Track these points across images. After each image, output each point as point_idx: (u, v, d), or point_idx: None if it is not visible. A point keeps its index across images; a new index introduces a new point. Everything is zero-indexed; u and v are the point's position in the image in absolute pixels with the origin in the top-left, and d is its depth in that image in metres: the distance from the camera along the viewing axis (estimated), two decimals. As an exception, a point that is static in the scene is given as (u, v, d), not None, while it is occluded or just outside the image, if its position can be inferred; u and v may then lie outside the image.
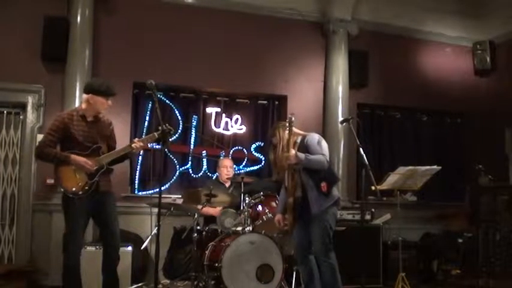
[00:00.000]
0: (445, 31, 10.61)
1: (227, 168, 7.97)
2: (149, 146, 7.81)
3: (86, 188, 5.49)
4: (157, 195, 5.54)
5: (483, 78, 10.65)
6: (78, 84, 7.99)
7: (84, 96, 5.68)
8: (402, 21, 10.19)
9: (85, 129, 5.61)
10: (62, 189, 5.50)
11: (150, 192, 8.55)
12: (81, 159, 5.47)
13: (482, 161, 8.44)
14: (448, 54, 10.71)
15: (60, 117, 5.66)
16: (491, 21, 10.37)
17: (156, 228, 5.47)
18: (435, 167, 6.88)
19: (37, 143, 6.04)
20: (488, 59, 10.45)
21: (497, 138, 10.02)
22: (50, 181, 7.86)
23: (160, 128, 5.54)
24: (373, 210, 8.63)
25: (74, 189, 5.45)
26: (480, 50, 10.55)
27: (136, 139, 5.83)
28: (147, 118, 8.76)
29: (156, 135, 5.67)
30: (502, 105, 9.99)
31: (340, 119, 5.75)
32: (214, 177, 8.66)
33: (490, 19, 10.38)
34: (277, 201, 7.17)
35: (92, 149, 5.57)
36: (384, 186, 6.87)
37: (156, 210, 5.76)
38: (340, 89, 9.48)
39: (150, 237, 7.07)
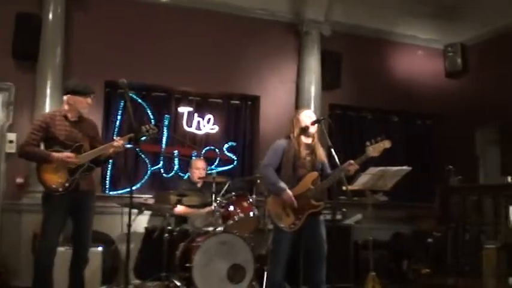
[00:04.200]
0: (417, 33, 10.71)
1: (200, 170, 7.96)
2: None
3: (67, 185, 5.49)
4: (129, 195, 5.54)
5: (454, 80, 10.74)
6: (49, 82, 7.95)
7: (64, 98, 5.74)
8: (375, 23, 10.26)
9: (67, 129, 5.63)
10: (43, 187, 5.51)
11: (121, 191, 8.51)
12: (61, 155, 5.48)
13: (453, 162, 8.54)
14: (419, 56, 10.81)
15: (42, 117, 5.76)
16: (463, 24, 10.46)
17: (128, 228, 5.46)
18: (405, 167, 6.92)
19: (16, 143, 6.02)
20: (459, 61, 10.54)
21: (468, 140, 10.15)
22: (20, 180, 7.81)
23: (144, 127, 5.70)
24: (344, 210, 8.70)
25: (54, 186, 5.46)
26: (451, 53, 10.64)
27: (117, 138, 5.86)
28: (119, 117, 8.73)
29: (140, 134, 5.70)
30: (473, 107, 10.09)
31: (313, 119, 5.74)
32: (186, 177, 8.63)
33: (461, 22, 10.47)
34: (248, 201, 7.19)
35: (73, 148, 5.58)
36: (355, 186, 6.90)
37: (127, 210, 5.71)
38: (313, 89, 9.51)
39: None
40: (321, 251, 5.64)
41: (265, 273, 6.66)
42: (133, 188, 5.90)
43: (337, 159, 5.48)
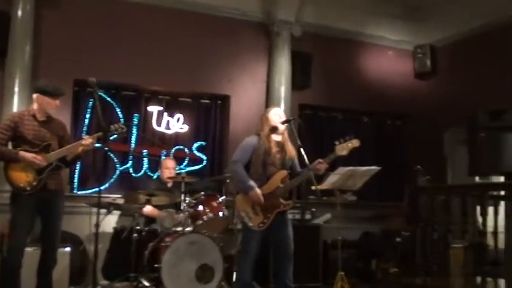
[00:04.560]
0: (387, 34, 10.78)
1: (170, 169, 7.92)
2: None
3: (34, 183, 5.48)
4: (97, 195, 5.54)
5: (423, 81, 10.84)
6: (17, 80, 7.86)
7: (33, 96, 5.76)
8: (345, 24, 10.30)
9: (36, 128, 5.64)
10: (10, 186, 5.51)
11: (89, 191, 8.43)
12: (29, 155, 5.46)
13: (422, 162, 8.60)
14: (389, 57, 10.88)
15: (11, 116, 5.80)
16: (432, 26, 10.55)
17: (96, 227, 5.44)
18: (374, 167, 6.95)
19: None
20: (428, 62, 10.63)
21: (436, 140, 10.27)
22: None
23: (113, 126, 5.73)
24: (313, 209, 8.73)
25: (21, 185, 5.46)
26: (421, 54, 10.72)
27: (86, 136, 5.84)
28: (88, 116, 8.65)
29: (109, 132, 5.71)
30: (441, 108, 10.19)
31: (282, 117, 5.77)
32: (155, 176, 8.60)
33: (431, 23, 10.57)
34: (218, 201, 7.20)
35: (41, 147, 5.57)
36: (324, 186, 6.91)
37: (95, 210, 5.69)
38: (283, 89, 9.52)
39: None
40: (288, 249, 5.64)
41: (234, 273, 6.67)
42: (102, 187, 5.89)
43: (306, 159, 5.49)
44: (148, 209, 7.27)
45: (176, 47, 9.08)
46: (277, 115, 5.83)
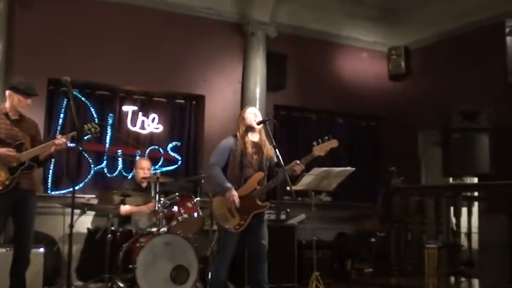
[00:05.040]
0: (362, 36, 10.84)
1: (144, 170, 7.89)
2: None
3: (7, 183, 5.44)
4: (71, 195, 5.51)
5: (397, 83, 10.90)
6: (-10, 78, 7.79)
7: (6, 92, 5.72)
8: (320, 25, 10.34)
9: (8, 127, 5.59)
10: None
11: (63, 191, 8.37)
12: (2, 150, 5.43)
13: (396, 163, 8.66)
14: (364, 58, 10.95)
15: None
16: (406, 28, 10.64)
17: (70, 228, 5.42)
18: (349, 168, 6.98)
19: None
20: (402, 64, 10.69)
21: (411, 141, 10.35)
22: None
23: (86, 126, 5.70)
24: (288, 210, 8.72)
25: None
26: (395, 56, 10.78)
27: (59, 136, 5.79)
28: (62, 116, 8.57)
29: (83, 132, 5.69)
30: (415, 109, 10.27)
31: (257, 115, 5.78)
32: (130, 177, 8.57)
33: (405, 25, 10.65)
34: (193, 202, 7.19)
35: (14, 146, 5.53)
36: (299, 186, 6.92)
37: (69, 210, 5.65)
38: (258, 90, 9.52)
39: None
40: (263, 251, 5.66)
41: (209, 273, 6.66)
42: (76, 188, 5.83)
43: (281, 160, 5.50)
44: (126, 208, 7.25)
45: (151, 46, 9.03)
46: (252, 114, 5.83)
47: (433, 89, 10.03)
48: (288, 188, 5.50)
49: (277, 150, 5.56)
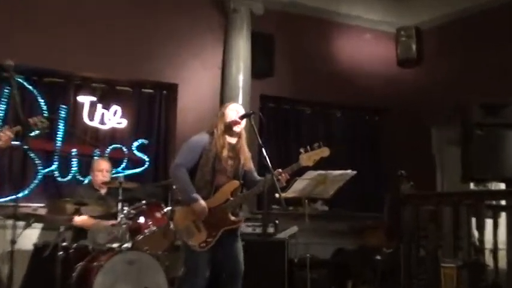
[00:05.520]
0: (365, 14, 10.84)
1: (103, 172, 7.83)
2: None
3: None
4: (14, 204, 5.43)
5: (407, 70, 10.91)
6: None
7: None
8: (315, 1, 10.32)
9: None
10: None
11: (4, 199, 8.27)
12: None
13: (405, 166, 8.59)
14: (367, 40, 10.95)
15: None
16: (418, 4, 10.60)
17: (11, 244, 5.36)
18: (350, 171, 6.96)
19: None
20: (413, 47, 10.69)
21: (423, 139, 10.30)
22: None
23: (32, 119, 5.59)
24: (276, 221, 8.70)
25: None
26: (404, 37, 10.79)
27: (5, 127, 5.68)
28: (3, 107, 8.53)
29: (28, 128, 5.59)
30: (428, 101, 10.28)
31: (240, 113, 5.73)
32: (86, 181, 8.49)
33: (416, 1, 10.61)
34: (162, 212, 7.13)
35: None
36: (290, 193, 6.90)
37: (11, 222, 5.56)
38: (241, 77, 9.48)
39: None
40: (239, 270, 5.67)
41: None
42: (20, 195, 5.74)
43: (268, 162, 5.41)
44: (81, 219, 7.16)
45: (113, 25, 9.00)
46: (234, 111, 5.78)
47: (450, 76, 10.03)
48: (277, 196, 5.43)
49: (264, 150, 5.47)
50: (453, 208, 7.51)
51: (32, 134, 6.54)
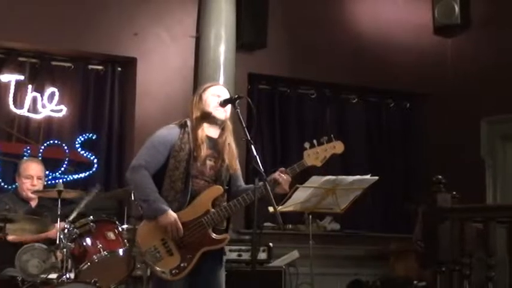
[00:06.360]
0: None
1: (33, 178, 7.79)
2: None
3: None
4: None
5: (448, 40, 10.92)
6: None
7: None
8: None
9: None
10: None
11: None
12: None
13: (443, 169, 8.67)
14: (392, 1, 10.94)
15: None
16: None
17: None
18: (369, 177, 6.97)
19: None
20: (456, 9, 10.65)
21: (468, 134, 10.31)
22: None
23: None
24: (270, 244, 8.69)
25: None
26: (445, -4, 10.80)
27: None
28: None
29: None
30: (476, 83, 10.28)
31: (222, 98, 5.69)
32: (12, 190, 8.48)
33: None
34: (116, 230, 7.12)
35: None
36: (289, 206, 6.94)
37: None
38: (223, 49, 9.47)
39: None
40: None
41: None
42: None
43: (260, 164, 5.41)
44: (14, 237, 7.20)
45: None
46: (215, 95, 5.74)
47: (507, 51, 10.00)
48: (271, 210, 5.42)
49: (253, 147, 5.48)
50: (509, 226, 7.55)
51: None
